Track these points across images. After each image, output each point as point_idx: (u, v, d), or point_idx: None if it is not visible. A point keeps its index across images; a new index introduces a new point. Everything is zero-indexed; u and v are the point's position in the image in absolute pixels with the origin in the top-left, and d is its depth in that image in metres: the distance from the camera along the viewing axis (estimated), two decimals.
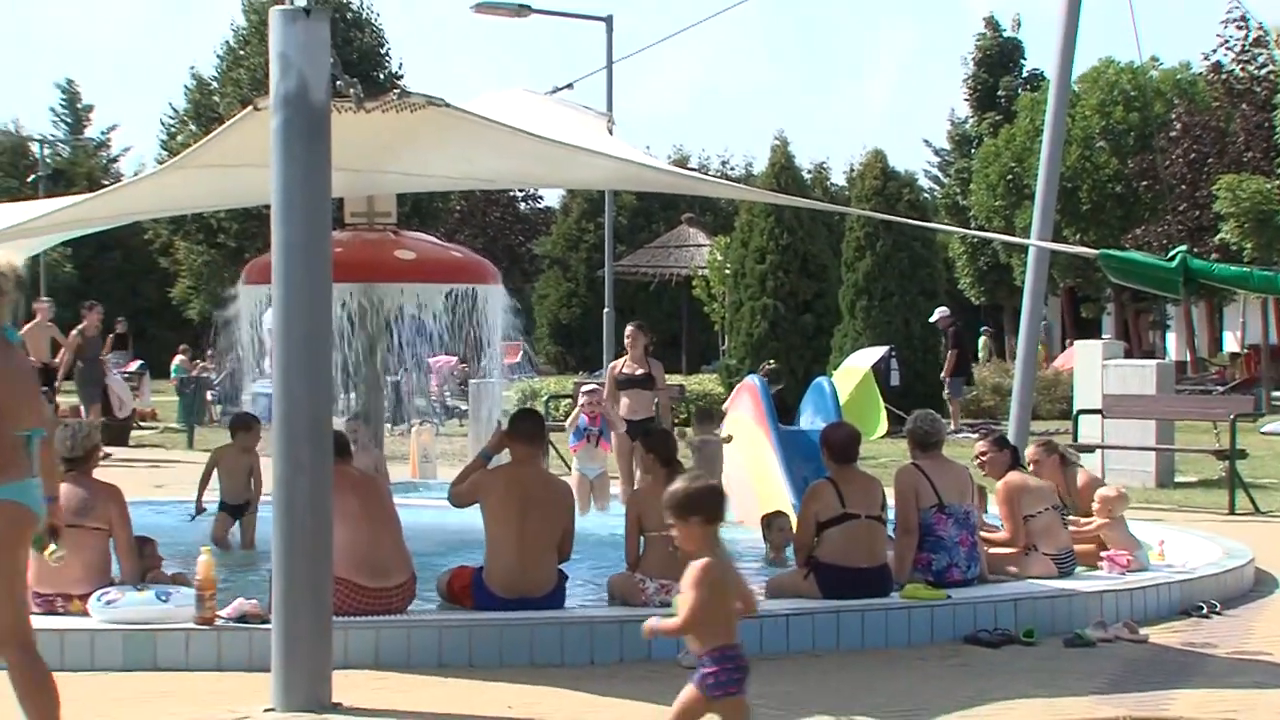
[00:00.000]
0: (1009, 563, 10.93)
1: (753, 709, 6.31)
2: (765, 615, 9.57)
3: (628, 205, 56.41)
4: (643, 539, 9.88)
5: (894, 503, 10.64)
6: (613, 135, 12.49)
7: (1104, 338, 33.84)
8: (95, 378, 23.97)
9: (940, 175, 59.36)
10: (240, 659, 8.76)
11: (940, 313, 28.38)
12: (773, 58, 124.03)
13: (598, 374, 32.35)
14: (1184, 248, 11.92)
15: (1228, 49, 39.53)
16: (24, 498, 6.50)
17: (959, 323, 28.58)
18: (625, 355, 16.07)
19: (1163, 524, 14.00)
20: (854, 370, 25.54)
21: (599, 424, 15.46)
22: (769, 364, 19.84)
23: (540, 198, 63.70)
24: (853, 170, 53.42)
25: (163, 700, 8.16)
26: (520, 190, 60.55)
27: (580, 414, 15.57)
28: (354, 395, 14.75)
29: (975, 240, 48.32)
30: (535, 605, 9.49)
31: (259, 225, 42.20)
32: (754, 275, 32.43)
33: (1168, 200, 39.58)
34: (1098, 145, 44.34)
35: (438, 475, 19.18)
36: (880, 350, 27.45)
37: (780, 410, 15.43)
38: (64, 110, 68.83)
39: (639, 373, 15.68)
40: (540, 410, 23.75)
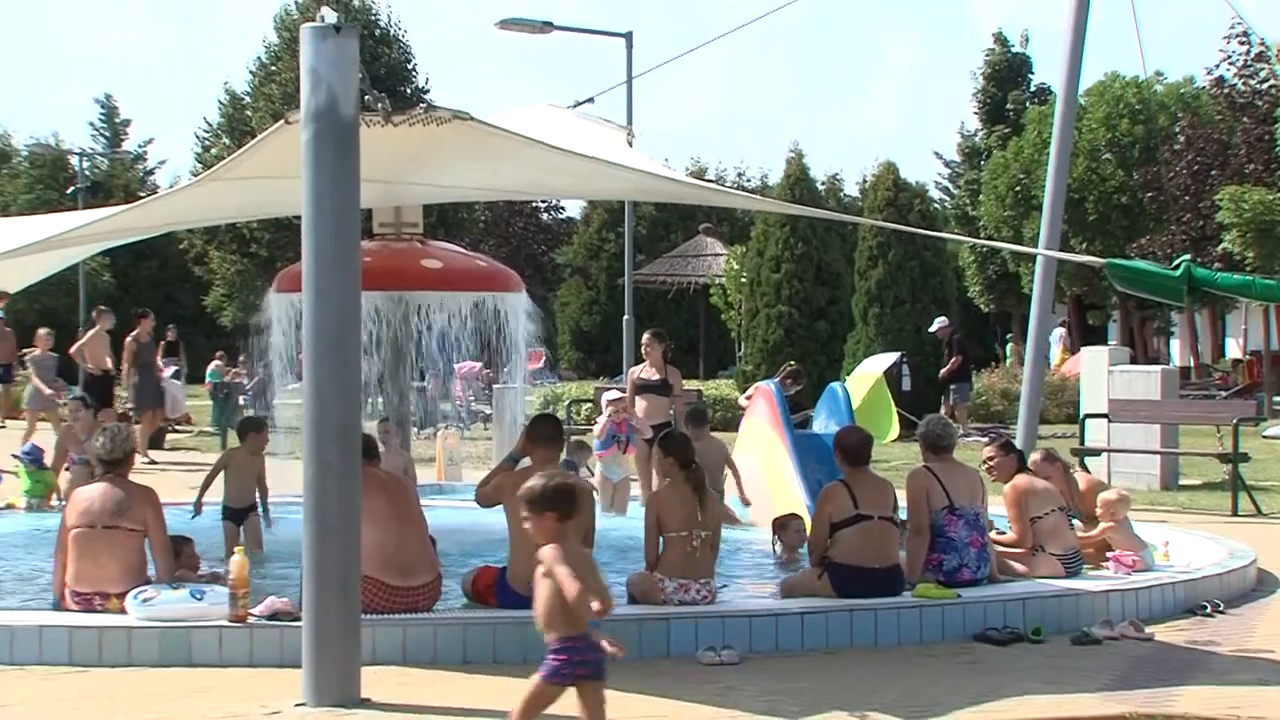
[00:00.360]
0: (1017, 563, 10.92)
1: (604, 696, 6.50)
2: (781, 614, 9.59)
3: (647, 216, 56.39)
4: (661, 540, 9.87)
5: (906, 504, 10.62)
6: (632, 148, 12.50)
7: (1110, 344, 33.76)
8: (150, 383, 23.81)
9: (950, 186, 59.22)
10: (272, 655, 8.76)
11: (939, 322, 28.31)
12: (788, 73, 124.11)
13: (618, 379, 32.36)
14: (1188, 257, 11.90)
15: (1230, 64, 39.48)
16: None
17: (959, 331, 28.49)
18: (644, 361, 16.08)
19: (1167, 525, 13.96)
20: (866, 376, 25.49)
21: (625, 430, 15.47)
22: (790, 365, 19.76)
23: (562, 208, 63.78)
24: (865, 182, 53.38)
25: (198, 695, 8.17)
26: (543, 201, 60.60)
27: (609, 423, 15.56)
28: (384, 399, 14.79)
29: (984, 250, 48.23)
30: None
31: (290, 235, 42.30)
32: (769, 283, 32.43)
33: (1172, 211, 39.50)
34: (1104, 157, 44.26)
35: (463, 478, 19.18)
36: (892, 356, 27.40)
37: (796, 410, 15.45)
38: (102, 124, 69.03)
39: (656, 379, 15.68)
40: (562, 414, 23.83)
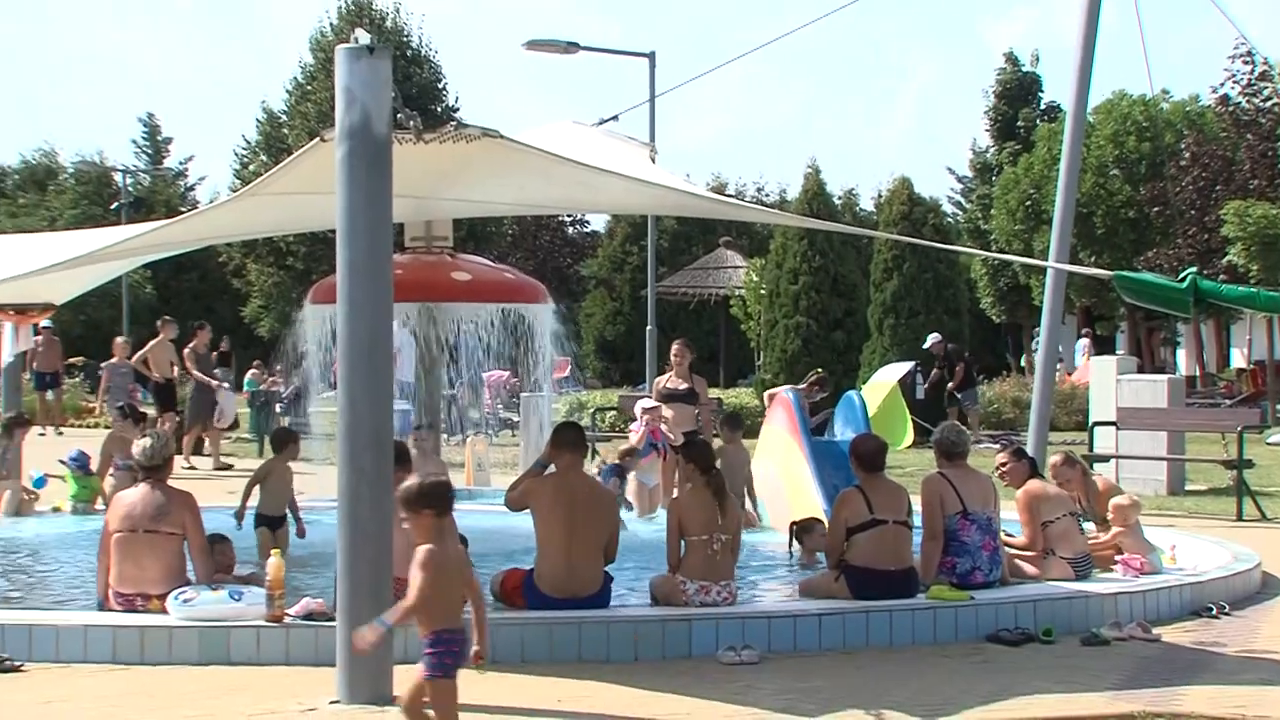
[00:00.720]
0: (1028, 565, 10.90)
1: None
2: (799, 615, 9.58)
3: (669, 229, 56.35)
4: (683, 543, 9.87)
5: (920, 509, 10.61)
6: (655, 164, 12.50)
7: (1118, 354, 33.62)
8: (206, 393, 23.85)
9: (963, 201, 59.00)
10: (307, 654, 8.78)
11: (932, 339, 28.23)
12: (805, 92, 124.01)
13: (641, 387, 32.34)
14: (1194, 269, 11.88)
15: (1234, 83, 39.31)
16: None
17: (949, 344, 28.39)
18: (669, 370, 16.05)
19: (1174, 530, 13.91)
20: (882, 384, 25.44)
21: (659, 438, 15.46)
22: (818, 372, 19.69)
23: (587, 222, 63.67)
24: (881, 196, 53.26)
25: (236, 692, 8.19)
26: (568, 215, 60.54)
27: (646, 431, 15.52)
28: (417, 407, 14.78)
29: (996, 262, 48.06)
30: (582, 605, 9.48)
31: (325, 248, 42.33)
32: (788, 295, 32.42)
33: (1178, 225, 39.36)
34: (1112, 173, 44.08)
35: (491, 483, 19.19)
36: (906, 365, 27.33)
37: (820, 411, 15.43)
38: (145, 142, 69.18)
39: (682, 388, 15.67)
40: (586, 422, 23.83)
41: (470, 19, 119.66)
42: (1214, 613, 10.62)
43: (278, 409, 28.76)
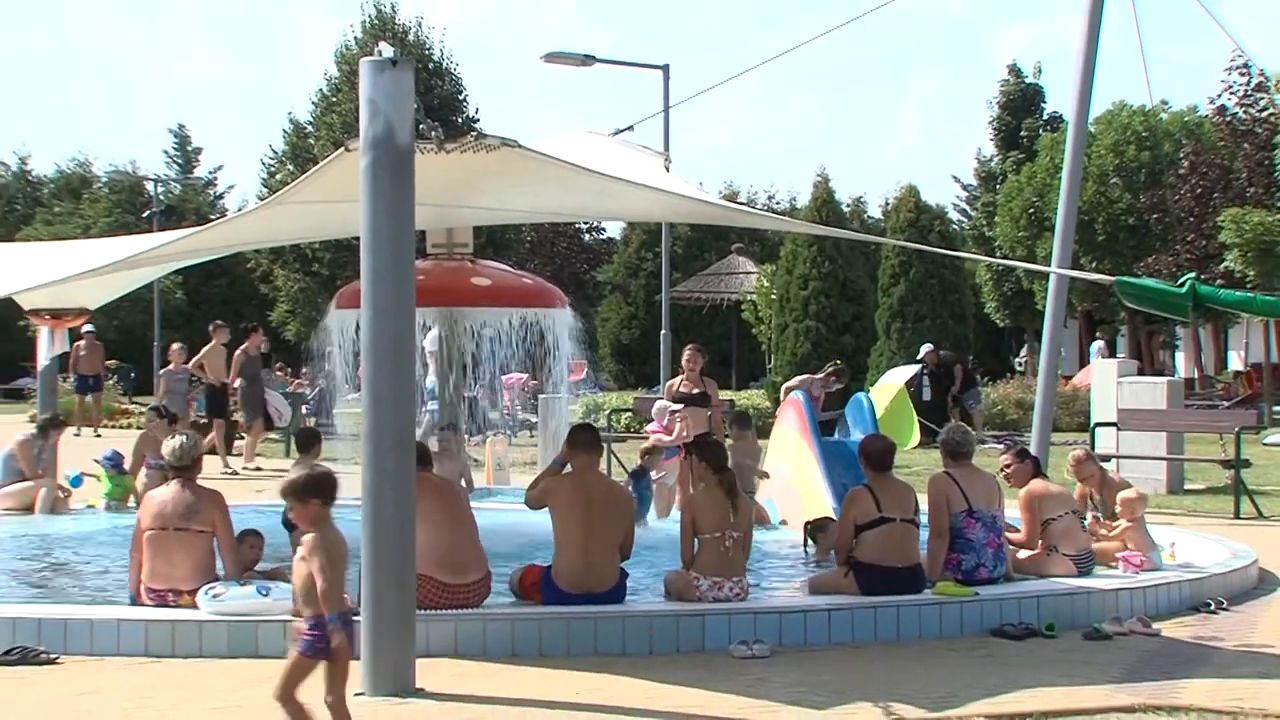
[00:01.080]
0: (1032, 562, 10.89)
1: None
2: (809, 610, 9.56)
3: (683, 236, 56.34)
4: (696, 540, 9.86)
5: (927, 508, 10.59)
6: (669, 172, 12.49)
7: (1119, 357, 33.55)
8: (257, 395, 23.87)
9: (968, 209, 58.91)
10: None
11: (925, 349, 28.17)
12: (815, 102, 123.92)
13: (655, 389, 32.33)
14: (1192, 275, 11.83)
15: (1232, 93, 39.18)
16: None
17: (942, 351, 28.31)
18: (681, 374, 16.03)
19: (1174, 527, 13.88)
20: (889, 386, 25.48)
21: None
22: (836, 363, 19.59)
23: (603, 229, 63.69)
24: (888, 204, 53.09)
25: (264, 684, 8.15)
26: (585, 223, 60.59)
27: (681, 429, 15.46)
28: (440, 408, 14.77)
29: (1000, 268, 48.00)
30: (599, 600, 9.48)
31: (349, 255, 42.35)
32: (798, 300, 32.44)
33: (1177, 232, 39.27)
34: (1112, 181, 43.96)
35: (510, 482, 19.19)
36: (913, 368, 27.33)
37: (837, 404, 15.35)
38: (175, 152, 69.23)
39: (695, 391, 15.64)
40: (603, 423, 23.82)
41: (491, 33, 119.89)
42: (1212, 608, 10.59)
43: (304, 410, 28.80)
